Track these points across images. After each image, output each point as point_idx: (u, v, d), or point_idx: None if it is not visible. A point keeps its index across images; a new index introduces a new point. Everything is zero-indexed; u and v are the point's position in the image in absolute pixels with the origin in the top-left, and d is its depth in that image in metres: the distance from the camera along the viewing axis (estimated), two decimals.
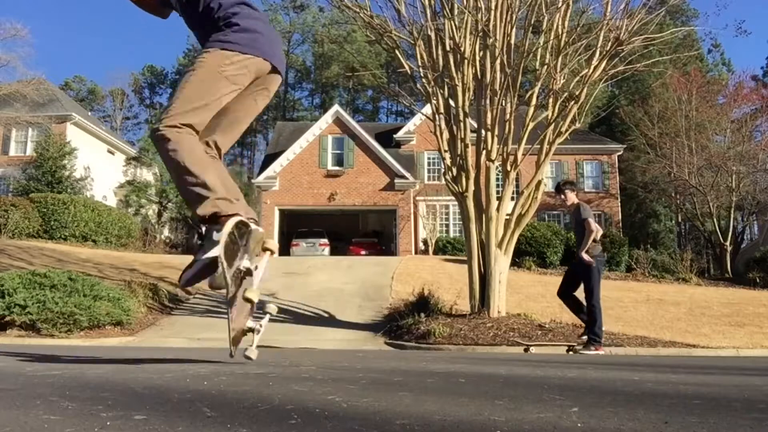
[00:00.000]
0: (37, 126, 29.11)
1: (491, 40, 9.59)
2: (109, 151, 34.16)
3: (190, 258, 2.27)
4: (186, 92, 2.28)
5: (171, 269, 14.81)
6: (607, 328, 9.18)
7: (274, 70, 2.45)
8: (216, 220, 2.16)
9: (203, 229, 2.20)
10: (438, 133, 10.04)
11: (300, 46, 54.63)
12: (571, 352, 7.29)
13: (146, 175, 34.69)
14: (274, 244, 2.46)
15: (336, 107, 29.23)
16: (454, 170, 9.83)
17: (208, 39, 2.38)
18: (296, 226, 27.46)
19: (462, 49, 9.78)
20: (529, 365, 3.23)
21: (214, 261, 2.13)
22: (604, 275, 16.93)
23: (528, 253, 18.58)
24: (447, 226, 27.37)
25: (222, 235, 2.07)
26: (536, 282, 15.12)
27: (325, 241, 26.39)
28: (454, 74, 9.92)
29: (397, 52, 10.50)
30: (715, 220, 24.76)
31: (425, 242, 26.19)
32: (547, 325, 8.72)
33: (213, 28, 2.38)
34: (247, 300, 2.24)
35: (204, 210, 2.16)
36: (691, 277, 17.32)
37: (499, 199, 9.81)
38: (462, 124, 9.90)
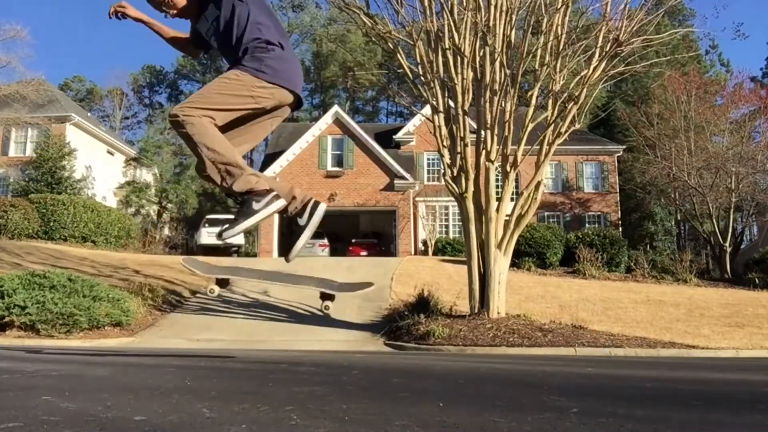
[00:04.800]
0: (37, 127, 29.09)
1: (491, 40, 9.59)
2: (109, 152, 34.15)
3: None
4: (212, 91, 2.46)
5: (170, 269, 14.81)
6: (606, 329, 9.19)
7: (294, 101, 2.62)
8: (251, 192, 2.37)
9: (240, 198, 2.39)
10: (437, 133, 10.04)
11: (299, 46, 54.65)
12: None
13: (146, 175, 34.68)
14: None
15: (336, 108, 29.23)
16: (454, 170, 9.83)
17: (242, 62, 2.51)
18: None
19: (461, 49, 9.78)
20: (528, 365, 3.23)
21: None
22: (603, 276, 17.02)
23: (527, 253, 18.57)
24: (446, 226, 27.36)
25: (266, 208, 2.38)
26: (536, 283, 15.12)
27: (325, 242, 26.38)
28: (454, 75, 9.92)
29: (397, 54, 10.50)
30: (714, 220, 24.77)
31: (425, 243, 26.18)
32: (546, 326, 8.72)
33: (249, 55, 2.51)
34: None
35: (240, 186, 2.37)
36: (690, 277, 17.31)
37: (499, 199, 9.81)
38: (461, 124, 9.90)
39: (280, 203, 2.49)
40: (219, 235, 2.46)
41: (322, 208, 2.68)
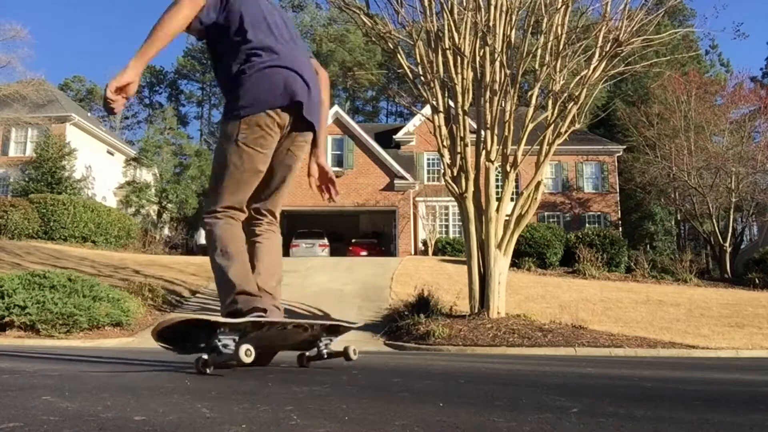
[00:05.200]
0: (37, 127, 29.09)
1: (491, 40, 9.59)
2: (109, 152, 34.15)
3: (190, 258, 2.27)
4: (217, 173, 2.28)
5: (170, 269, 14.82)
6: (606, 329, 9.19)
7: (298, 117, 2.29)
8: (235, 315, 2.12)
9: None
10: (437, 133, 10.04)
11: None
12: None
13: (146, 175, 34.67)
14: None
15: (336, 108, 29.23)
16: (454, 170, 9.83)
17: (225, 110, 2.33)
18: (295, 227, 27.45)
19: (461, 49, 9.78)
20: (529, 365, 3.23)
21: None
22: (603, 276, 17.01)
23: (527, 253, 18.57)
24: (446, 226, 27.37)
25: (237, 352, 1.78)
26: (536, 283, 15.12)
27: (325, 242, 26.37)
28: (454, 75, 9.92)
29: (397, 54, 10.50)
30: (714, 220, 24.77)
31: (425, 243, 26.18)
32: (546, 326, 8.72)
33: (227, 94, 2.32)
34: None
35: (224, 310, 2.19)
36: (690, 277, 17.31)
37: (499, 199, 9.81)
38: (461, 124, 9.90)
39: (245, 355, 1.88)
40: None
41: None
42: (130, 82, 2.20)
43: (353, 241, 27.98)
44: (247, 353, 1.73)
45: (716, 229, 24.60)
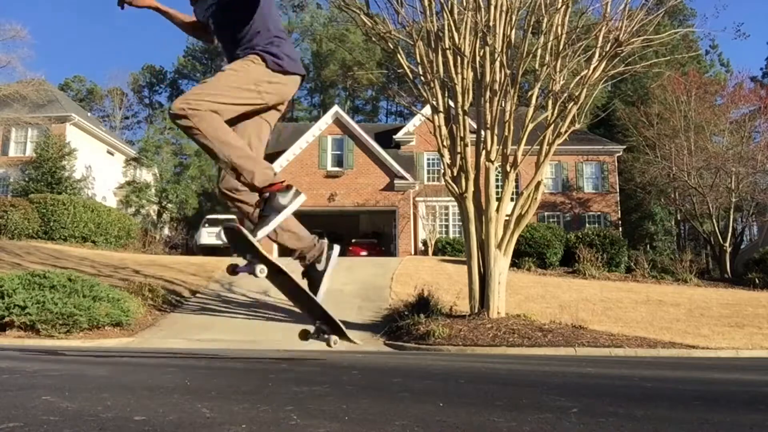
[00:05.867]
0: (37, 127, 29.09)
1: (491, 40, 9.59)
2: (109, 152, 34.15)
3: (190, 258, 2.26)
4: (216, 84, 2.32)
5: (170, 269, 14.81)
6: (606, 329, 9.19)
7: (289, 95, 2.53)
8: (272, 187, 2.31)
9: (265, 195, 2.30)
10: (437, 133, 10.04)
11: (299, 46, 54.65)
12: None
13: (146, 175, 34.69)
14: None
15: (336, 108, 29.23)
16: (454, 170, 9.83)
17: (257, 48, 2.38)
18: None
19: (461, 49, 9.78)
20: (529, 365, 3.23)
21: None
22: (603, 276, 17.00)
23: (527, 253, 18.56)
24: (446, 227, 27.36)
25: (293, 201, 2.33)
26: (536, 283, 15.12)
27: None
28: (454, 75, 9.92)
29: (397, 54, 10.50)
30: (714, 220, 24.77)
31: (425, 243, 26.17)
32: (546, 326, 8.72)
33: (263, 41, 2.40)
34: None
35: (260, 180, 2.30)
36: (690, 277, 17.31)
37: (499, 199, 9.81)
38: (461, 124, 9.90)
39: (303, 197, 2.41)
40: (251, 232, 2.33)
41: (335, 254, 2.65)
42: None
43: (353, 241, 27.97)
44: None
45: (716, 229, 24.60)
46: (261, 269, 2.32)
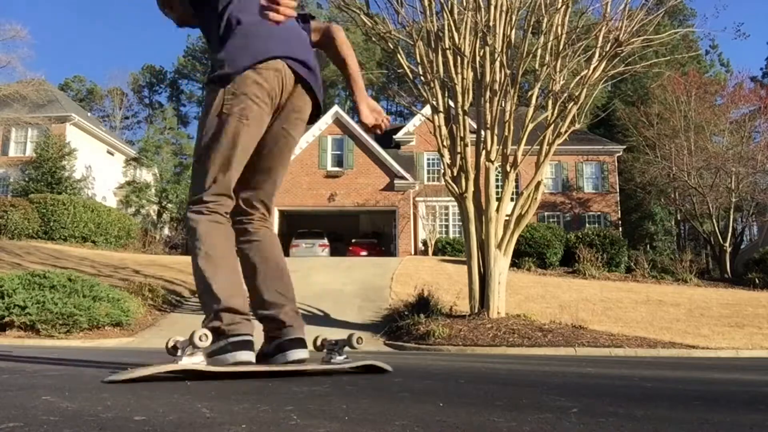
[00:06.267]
0: (37, 127, 29.11)
1: (491, 40, 9.59)
2: (109, 152, 34.16)
3: (188, 258, 2.16)
4: (201, 154, 1.91)
5: (170, 269, 14.81)
6: (606, 329, 9.19)
7: (297, 78, 1.96)
8: (217, 335, 1.81)
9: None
10: (437, 133, 10.05)
11: None
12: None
13: (146, 175, 34.69)
14: None
15: (336, 108, 29.22)
16: (454, 170, 9.83)
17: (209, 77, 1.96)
18: (296, 227, 27.45)
19: (461, 49, 9.78)
20: (529, 365, 3.23)
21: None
22: (603, 276, 17.00)
23: (527, 253, 18.57)
24: (446, 227, 27.36)
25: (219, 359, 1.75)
26: (536, 283, 15.12)
27: (325, 242, 26.35)
28: (454, 75, 9.93)
29: (397, 54, 10.50)
30: (714, 220, 24.77)
31: (425, 243, 26.17)
32: (546, 326, 8.72)
33: (214, 57, 1.96)
34: None
35: (205, 324, 1.86)
36: (690, 277, 17.31)
37: (499, 199, 9.81)
38: (461, 124, 9.90)
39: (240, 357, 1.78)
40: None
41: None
42: None
43: (353, 241, 27.97)
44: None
45: (716, 229, 24.61)
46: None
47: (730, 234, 24.67)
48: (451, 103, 10.23)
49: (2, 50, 28.52)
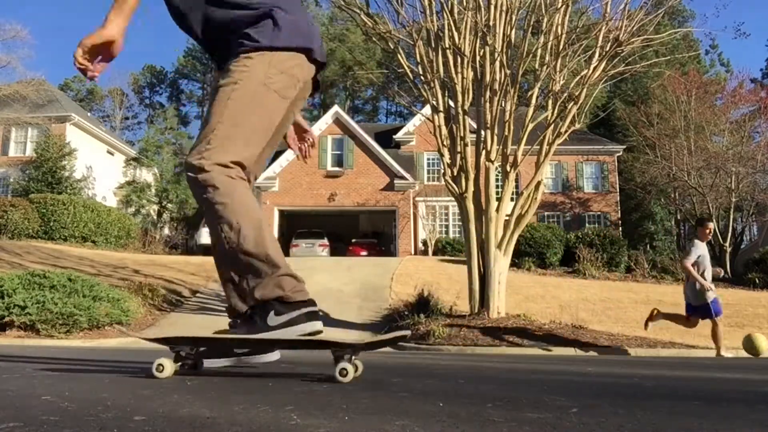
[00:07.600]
0: (37, 127, 29.13)
1: (491, 40, 9.59)
2: (109, 152, 34.17)
3: (190, 258, 2.15)
4: (232, 117, 1.76)
5: (170, 269, 14.81)
6: (606, 329, 9.19)
7: (317, 67, 1.99)
8: (279, 299, 1.74)
9: (249, 306, 1.70)
10: (437, 133, 10.05)
11: None
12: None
13: (146, 175, 34.70)
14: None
15: (336, 108, 29.23)
16: (454, 170, 9.83)
17: (246, 40, 1.83)
18: (296, 227, 27.45)
19: (461, 49, 9.78)
20: (529, 365, 3.23)
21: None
22: (603, 276, 17.00)
23: (527, 253, 18.57)
24: (446, 226, 27.36)
25: (290, 330, 1.68)
26: (536, 283, 15.12)
27: (325, 241, 26.36)
28: (454, 74, 9.93)
29: (397, 54, 10.50)
30: (714, 220, 24.79)
31: (425, 243, 26.18)
32: (546, 326, 8.72)
33: (249, 28, 1.84)
34: None
35: (264, 292, 1.72)
36: None
37: (499, 199, 9.81)
38: (461, 124, 9.90)
39: (314, 327, 1.76)
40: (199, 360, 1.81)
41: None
42: (112, 39, 1.73)
43: (353, 241, 27.98)
44: None
45: (716, 229, 24.62)
46: None
47: (730, 234, 24.70)
48: (451, 103, 10.23)
49: (2, 50, 28.57)
